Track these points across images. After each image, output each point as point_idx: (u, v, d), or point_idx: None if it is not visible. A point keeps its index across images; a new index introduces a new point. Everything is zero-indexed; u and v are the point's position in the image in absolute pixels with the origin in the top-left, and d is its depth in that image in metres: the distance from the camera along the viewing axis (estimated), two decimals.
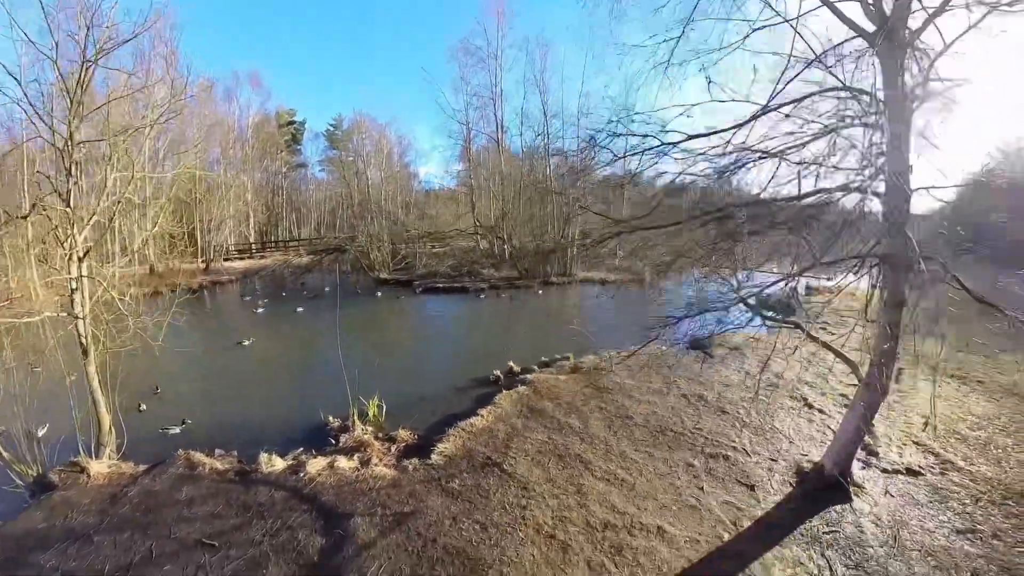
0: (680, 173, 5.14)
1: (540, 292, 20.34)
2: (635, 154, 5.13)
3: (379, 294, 19.31)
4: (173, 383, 8.85)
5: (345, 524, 4.66)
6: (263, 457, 5.80)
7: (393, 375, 8.82)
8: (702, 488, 5.43)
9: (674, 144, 5.12)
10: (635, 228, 5.42)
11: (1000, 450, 6.39)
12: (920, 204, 4.69)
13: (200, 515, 4.77)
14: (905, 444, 6.42)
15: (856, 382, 5.50)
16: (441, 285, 20.92)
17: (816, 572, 4.20)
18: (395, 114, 54.19)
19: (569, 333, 10.60)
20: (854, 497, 5.18)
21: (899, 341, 4.86)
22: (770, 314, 5.82)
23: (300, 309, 15.95)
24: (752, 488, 5.45)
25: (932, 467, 5.90)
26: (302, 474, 5.50)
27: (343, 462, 5.76)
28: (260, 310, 16.12)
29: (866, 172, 4.65)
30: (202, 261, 24.67)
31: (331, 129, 40.11)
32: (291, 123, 39.12)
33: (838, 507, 5.06)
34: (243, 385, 9.16)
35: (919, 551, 4.49)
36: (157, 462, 5.76)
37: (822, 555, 4.39)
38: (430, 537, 4.49)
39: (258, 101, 33.88)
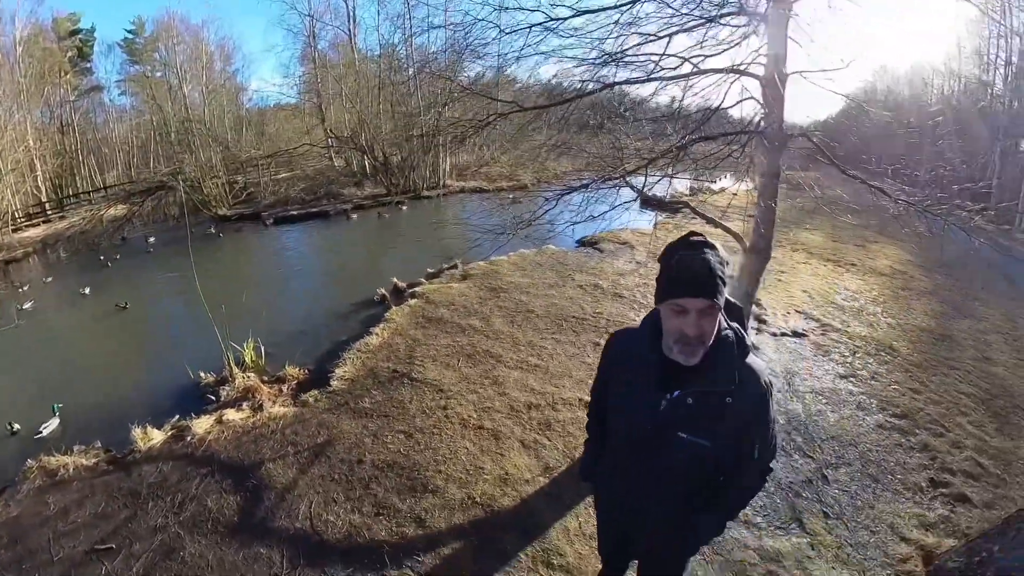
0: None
1: (404, 208, 19.91)
2: (519, 30, 5.03)
3: (221, 236, 17.36)
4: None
5: (257, 473, 4.52)
6: (136, 433, 5.19)
7: (261, 317, 8.12)
8: None
9: (562, 19, 5.11)
10: (522, 108, 5.40)
11: (871, 316, 7.97)
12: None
13: (82, 522, 4.15)
14: (789, 313, 7.68)
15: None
16: (296, 213, 19.44)
17: None
18: (214, 9, 45.43)
19: (450, 242, 10.59)
20: None
21: (775, 207, 5.65)
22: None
23: (87, 290, 11.51)
24: None
25: (814, 330, 7.28)
26: (189, 438, 5.12)
27: (232, 414, 5.49)
28: (28, 304, 10.82)
29: (748, 57, 5.12)
30: None
31: (130, 37, 32.10)
32: (75, 33, 30.94)
33: None
34: (80, 372, 7.93)
35: (811, 393, 5.65)
36: (4, 486, 4.77)
37: None
38: (355, 459, 4.56)
39: (27, 6, 25.21)
